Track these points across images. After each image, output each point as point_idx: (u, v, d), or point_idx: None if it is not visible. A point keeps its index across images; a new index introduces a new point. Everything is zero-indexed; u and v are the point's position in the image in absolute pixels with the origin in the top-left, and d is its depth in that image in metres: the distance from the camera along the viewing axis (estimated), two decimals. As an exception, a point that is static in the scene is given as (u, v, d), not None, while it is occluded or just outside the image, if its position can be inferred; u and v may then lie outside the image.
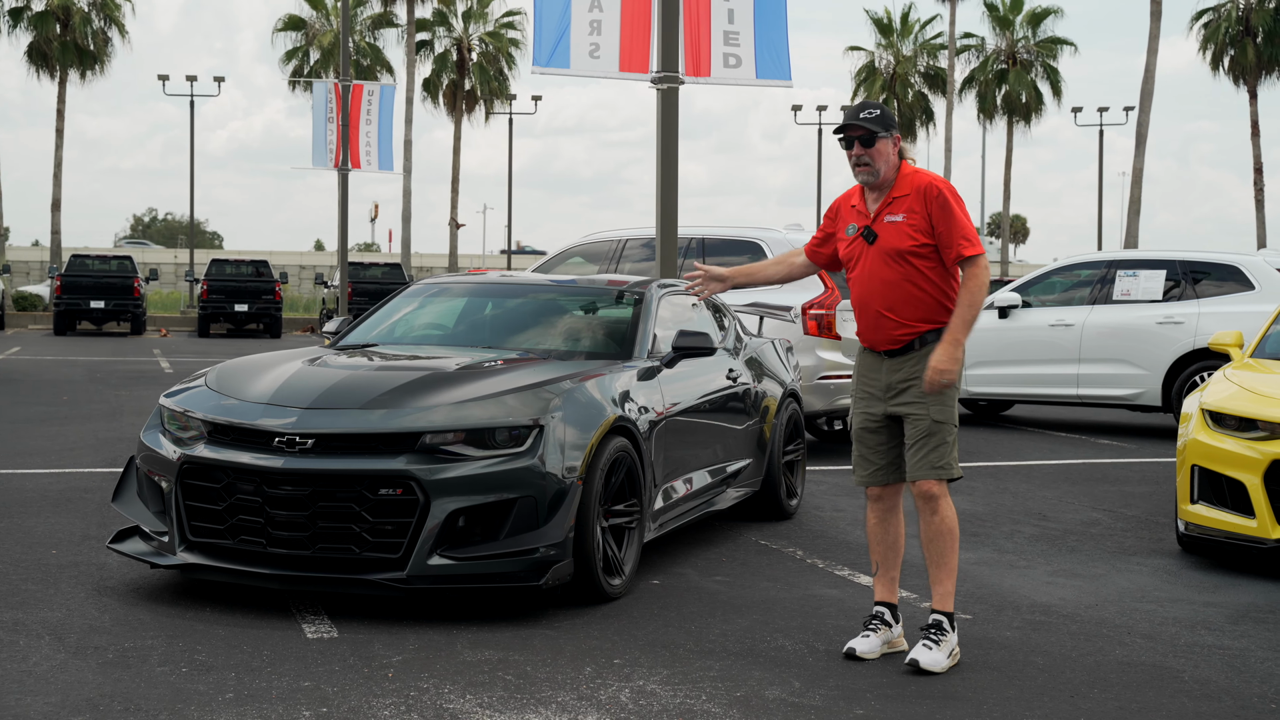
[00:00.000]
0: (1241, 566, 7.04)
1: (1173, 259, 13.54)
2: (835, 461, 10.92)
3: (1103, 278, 13.70)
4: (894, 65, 57.09)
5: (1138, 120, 40.99)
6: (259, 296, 33.04)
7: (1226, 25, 51.94)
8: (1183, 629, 5.80)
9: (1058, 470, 10.77)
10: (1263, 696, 4.86)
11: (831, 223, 5.48)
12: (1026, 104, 55.90)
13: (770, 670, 5.05)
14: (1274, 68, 51.99)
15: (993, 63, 55.93)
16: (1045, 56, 56.13)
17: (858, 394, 5.43)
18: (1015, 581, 6.66)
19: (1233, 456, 6.92)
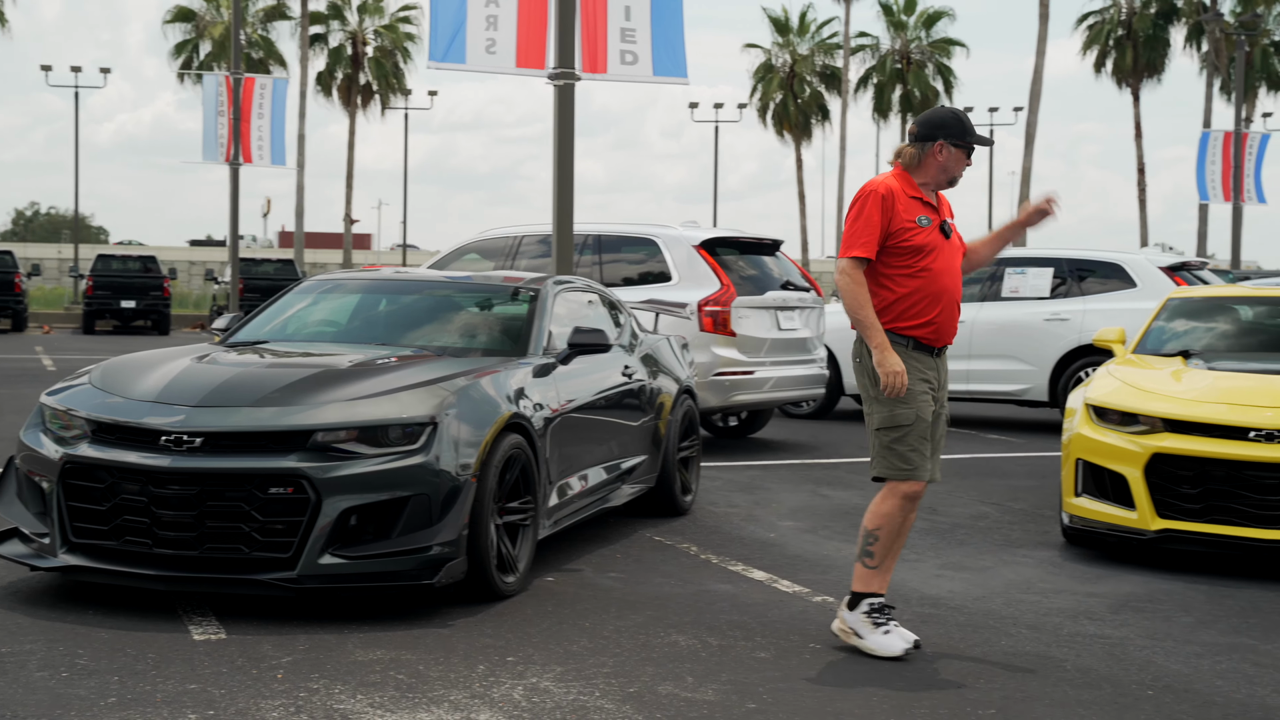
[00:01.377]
0: (1123, 557, 7.21)
1: (1059, 257, 13.82)
2: (730, 457, 10.99)
3: (992, 275, 13.93)
4: (791, 64, 57.56)
5: (1027, 121, 41.80)
6: (146, 293, 32.40)
7: (1109, 29, 53.11)
8: (1066, 619, 5.92)
9: (947, 465, 10.92)
10: (1140, 684, 4.98)
11: (888, 213, 5.30)
12: (921, 103, 56.66)
13: (663, 666, 5.08)
14: (1155, 71, 53.26)
15: (888, 62, 56.62)
16: (938, 57, 56.98)
17: (921, 391, 5.33)
18: (905, 575, 6.75)
19: (1115, 450, 7.08)
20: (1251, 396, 7.06)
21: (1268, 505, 6.71)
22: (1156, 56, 52.71)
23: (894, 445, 5.35)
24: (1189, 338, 8.67)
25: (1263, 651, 5.46)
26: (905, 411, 5.30)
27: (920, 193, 5.40)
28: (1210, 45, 49.89)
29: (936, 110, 5.49)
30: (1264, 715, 4.65)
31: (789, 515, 8.41)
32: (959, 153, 5.39)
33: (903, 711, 4.61)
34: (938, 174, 5.42)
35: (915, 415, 5.32)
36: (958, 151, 5.39)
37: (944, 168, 5.41)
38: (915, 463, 5.34)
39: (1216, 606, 6.18)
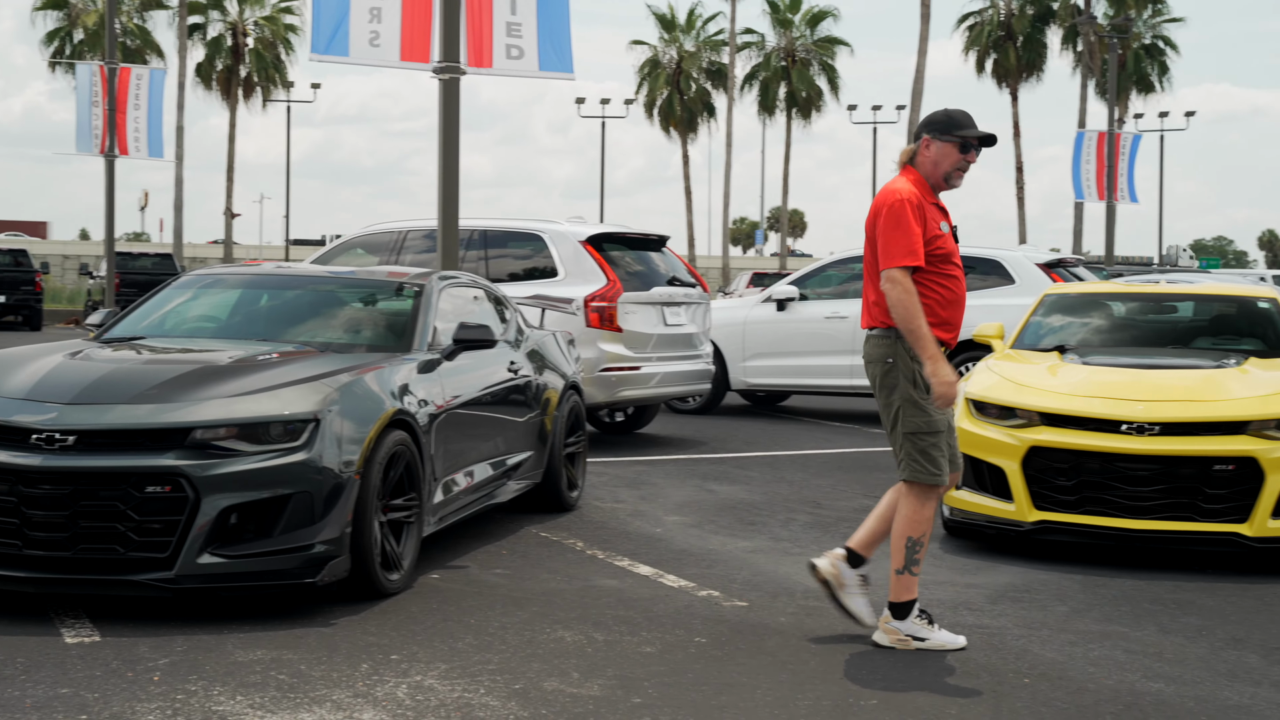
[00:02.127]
0: (1001, 549, 7.35)
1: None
2: (616, 453, 11.01)
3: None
4: (677, 61, 57.78)
5: (909, 119, 42.39)
6: (17, 287, 31.49)
7: (989, 30, 54.12)
8: (946, 610, 6.02)
9: (832, 459, 11.06)
10: (1017, 672, 5.09)
11: (923, 221, 5.30)
12: (806, 101, 57.23)
13: (549, 662, 5.07)
14: (1034, 71, 54.38)
15: (774, 60, 57.09)
16: (823, 55, 57.57)
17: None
18: (790, 568, 6.82)
19: (994, 444, 7.22)
20: (1124, 390, 7.24)
21: (1139, 496, 6.88)
22: (1035, 58, 53.86)
23: (928, 450, 5.34)
24: (1065, 333, 8.86)
25: (1133, 639, 5.60)
26: (940, 418, 5.35)
27: (934, 197, 5.43)
28: (1085, 47, 51.11)
29: (933, 111, 5.50)
30: (1133, 700, 4.77)
31: (675, 510, 8.44)
32: (947, 147, 5.34)
33: (786, 704, 4.65)
34: (932, 171, 5.39)
35: (947, 421, 5.42)
36: (945, 146, 5.34)
37: (934, 163, 5.37)
38: (942, 466, 5.38)
39: (1090, 595, 6.33)
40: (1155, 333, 9.04)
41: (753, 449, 11.54)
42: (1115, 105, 41.15)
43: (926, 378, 5.23)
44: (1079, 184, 37.32)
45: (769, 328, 14.17)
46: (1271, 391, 7.16)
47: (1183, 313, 9.45)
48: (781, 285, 14.50)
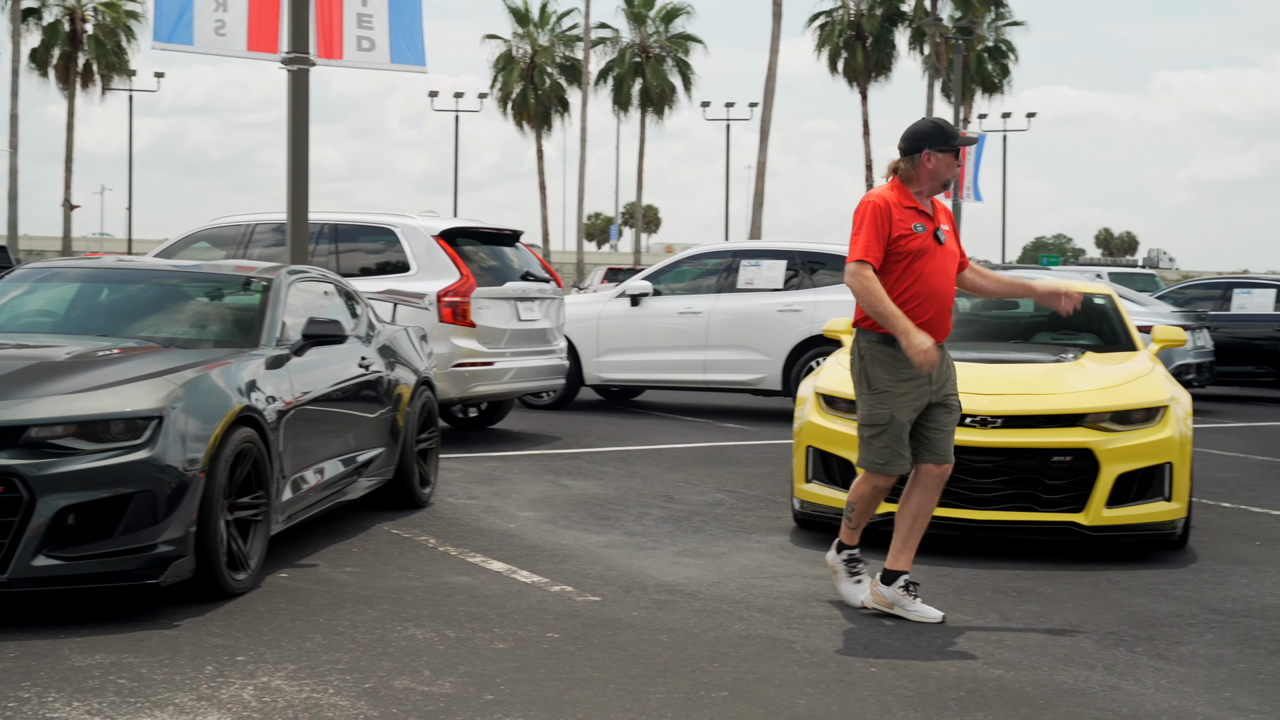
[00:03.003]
0: (850, 540, 7.47)
1: (792, 249, 14.22)
2: (470, 449, 10.94)
3: (728, 267, 14.24)
4: (532, 55, 57.63)
5: (762, 117, 42.88)
6: None
7: (839, 29, 54.97)
8: (797, 602, 6.10)
9: (685, 453, 11.14)
10: (864, 661, 5.18)
11: (887, 222, 5.74)
12: (660, 97, 57.51)
13: (400, 660, 5.01)
14: (883, 71, 55.38)
15: (628, 56, 57.26)
16: (677, 52, 57.92)
17: (902, 392, 5.77)
18: (643, 563, 6.85)
19: (844, 437, 7.33)
20: (968, 384, 7.37)
21: (982, 488, 7.06)
22: (884, 57, 54.87)
23: (871, 440, 5.82)
24: (911, 328, 9.03)
25: (976, 626, 5.74)
26: (882, 411, 5.77)
27: (915, 202, 5.84)
28: (931, 49, 52.22)
29: (917, 123, 5.95)
30: (975, 686, 4.89)
31: (528, 506, 8.42)
32: (946, 157, 5.84)
33: (638, 697, 4.67)
34: (929, 181, 5.85)
35: (891, 415, 5.76)
36: (945, 156, 5.83)
37: (934, 174, 5.85)
38: (888, 458, 5.78)
39: (935, 585, 6.47)
40: (999, 328, 9.28)
41: (606, 444, 11.56)
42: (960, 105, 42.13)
43: (903, 351, 5.64)
44: (926, 182, 38.10)
45: (623, 323, 14.21)
46: (1107, 385, 7.39)
47: (1025, 309, 9.70)
48: (635, 281, 14.56)
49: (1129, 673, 5.10)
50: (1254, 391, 18.83)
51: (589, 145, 64.95)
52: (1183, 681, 5.00)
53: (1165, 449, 7.06)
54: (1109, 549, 7.27)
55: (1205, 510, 8.57)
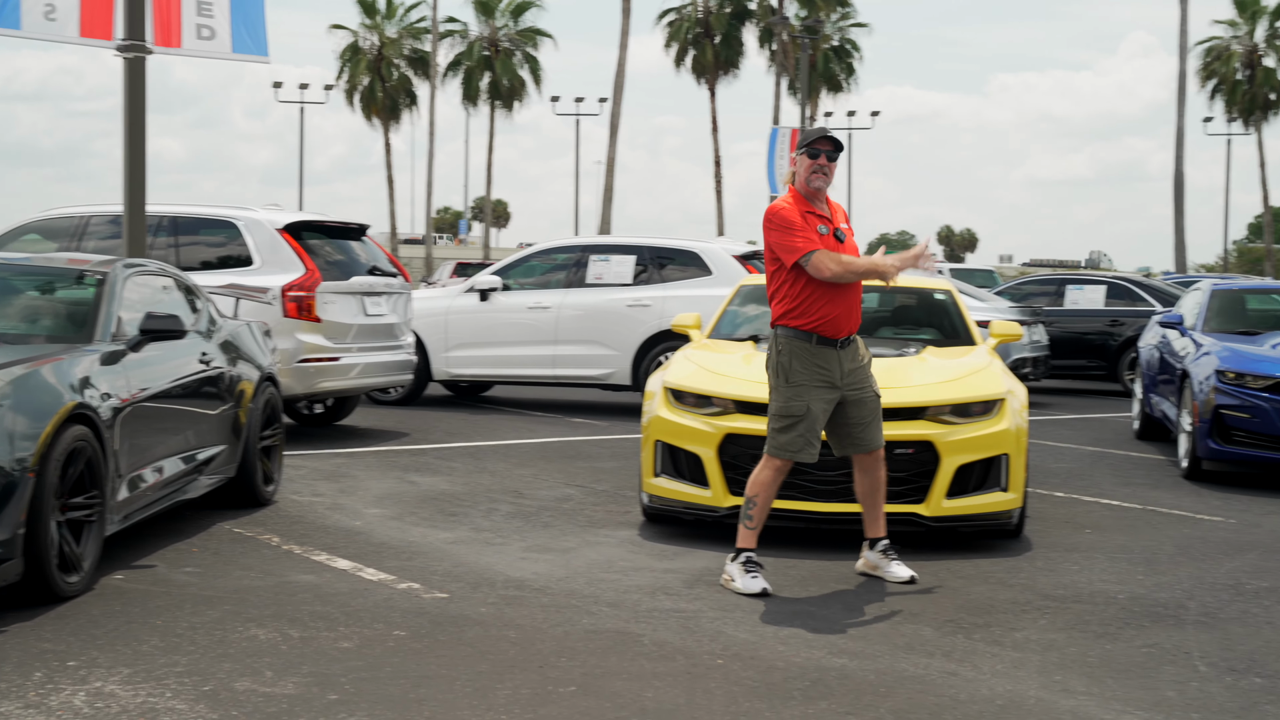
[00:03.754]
0: (699, 534, 7.53)
1: (641, 245, 14.28)
2: (315, 445, 10.77)
3: (577, 262, 14.25)
4: (379, 47, 56.91)
5: (611, 112, 42.98)
6: None
7: (688, 26, 55.32)
8: (644, 595, 6.13)
9: (534, 448, 11.12)
10: (711, 653, 5.23)
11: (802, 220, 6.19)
12: (510, 91, 57.25)
13: (241, 661, 4.91)
14: (731, 68, 55.90)
15: (476, 49, 56.89)
16: (526, 46, 57.72)
17: (815, 384, 6.19)
18: (491, 559, 6.81)
19: (691, 431, 7.38)
20: (812, 378, 7.51)
21: (827, 480, 7.16)
22: (732, 54, 55.38)
23: (784, 430, 6.21)
24: (760, 323, 9.14)
25: (820, 616, 5.84)
26: (799, 404, 6.18)
27: (811, 206, 6.26)
28: (779, 47, 52.88)
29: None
30: (819, 675, 4.96)
31: (375, 503, 8.31)
32: (801, 158, 6.26)
33: (485, 694, 4.64)
34: (804, 184, 6.28)
35: (807, 407, 6.18)
36: (800, 158, 6.27)
37: (797, 175, 6.30)
38: (800, 447, 6.20)
39: (782, 576, 6.55)
40: (842, 323, 9.42)
41: (455, 440, 11.48)
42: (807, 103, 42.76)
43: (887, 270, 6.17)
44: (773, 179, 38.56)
45: (471, 318, 14.13)
46: (947, 379, 7.57)
47: (868, 304, 9.88)
48: (484, 275, 14.47)
49: (966, 659, 5.23)
50: (1086, 384, 19.47)
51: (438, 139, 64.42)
52: (1017, 666, 5.15)
53: (1002, 441, 7.26)
54: (949, 539, 7.45)
55: (1040, 500, 8.83)
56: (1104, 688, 4.90)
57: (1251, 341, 10.64)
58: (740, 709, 4.57)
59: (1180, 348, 11.23)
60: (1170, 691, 4.87)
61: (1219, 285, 12.43)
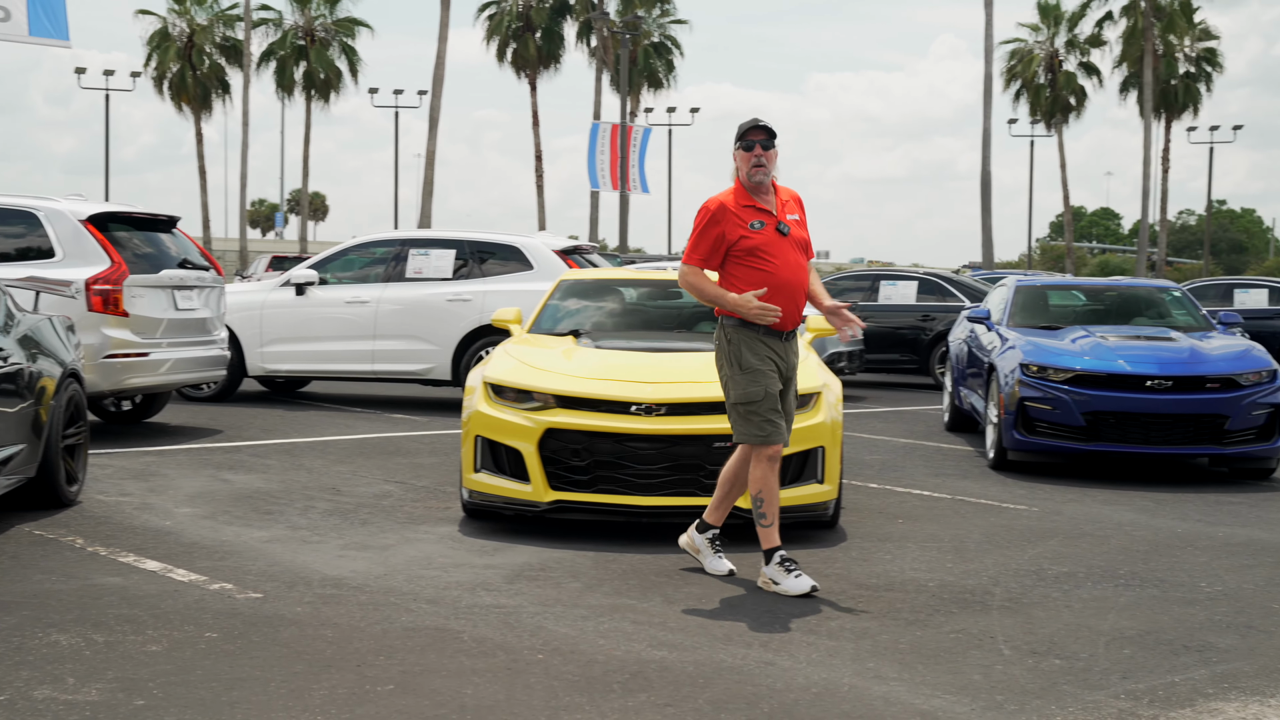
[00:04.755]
0: (519, 529, 7.50)
1: (462, 239, 14.17)
2: (123, 444, 10.43)
3: (397, 256, 14.08)
4: (190, 33, 55.41)
5: (431, 105, 42.58)
6: None
7: (509, 20, 55.14)
8: (464, 592, 6.08)
9: (353, 445, 10.94)
10: (531, 649, 5.21)
11: (718, 226, 6.19)
12: (326, 82, 56.29)
13: (40, 668, 4.72)
14: (552, 62, 55.88)
15: (290, 38, 55.76)
16: (343, 36, 56.81)
17: (770, 370, 6.19)
18: (308, 557, 6.68)
19: (511, 426, 7.35)
20: (633, 373, 7.55)
21: (648, 474, 7.20)
22: (553, 49, 55.37)
23: (750, 416, 6.19)
24: (580, 317, 9.16)
25: (640, 610, 5.86)
26: (755, 389, 6.17)
27: (753, 200, 6.25)
28: (599, 42, 53.05)
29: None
30: (639, 668, 4.99)
31: (186, 502, 8.08)
32: (737, 152, 6.25)
33: (300, 695, 4.55)
34: (744, 177, 6.26)
35: (764, 391, 6.18)
36: (736, 151, 6.25)
37: (737, 169, 6.28)
38: (768, 430, 6.19)
39: (602, 571, 6.57)
40: (664, 317, 9.50)
41: (271, 436, 11.23)
42: (627, 99, 42.98)
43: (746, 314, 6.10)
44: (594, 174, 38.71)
45: (288, 312, 13.86)
46: (764, 372, 7.67)
47: (688, 299, 9.97)
48: (300, 269, 14.21)
49: (783, 649, 5.31)
50: (899, 378, 19.98)
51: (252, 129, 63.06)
52: (831, 655, 5.25)
53: (818, 434, 7.39)
54: (766, 530, 7.55)
55: (854, 491, 9.03)
56: (914, 673, 5.03)
57: (1053, 336, 11.05)
58: (560, 703, 4.56)
59: (987, 342, 11.60)
60: (976, 675, 5.02)
61: (1023, 281, 12.87)
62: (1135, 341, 10.70)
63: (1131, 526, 8.13)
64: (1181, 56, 58.29)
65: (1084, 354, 10.33)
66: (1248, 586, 6.58)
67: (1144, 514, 8.60)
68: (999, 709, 4.64)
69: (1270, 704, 4.76)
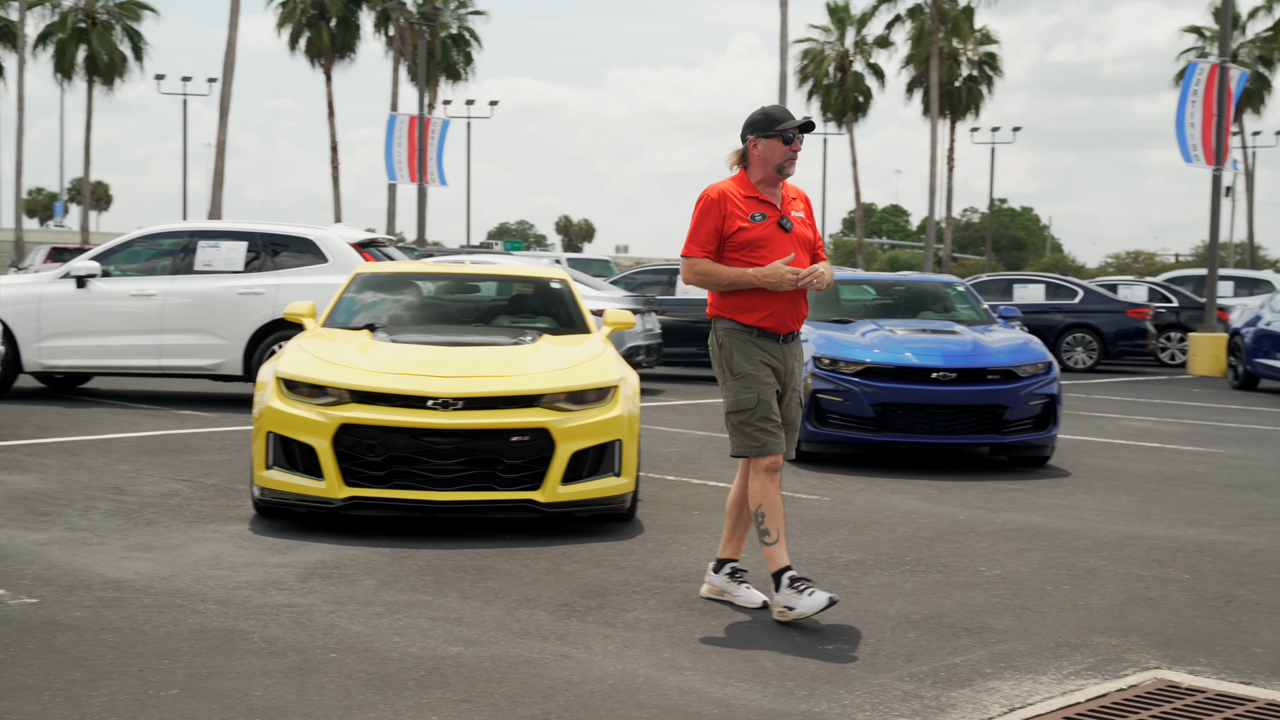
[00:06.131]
0: (314, 527, 7.36)
1: (254, 231, 13.83)
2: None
3: (185, 247, 13.67)
4: (-39, 12, 52.76)
5: (221, 93, 41.41)
6: None
7: (302, 8, 54.04)
8: (255, 591, 5.94)
9: (138, 443, 10.58)
10: (324, 648, 5.11)
11: (720, 216, 5.76)
12: (110, 66, 54.32)
13: None
14: (347, 52, 54.99)
15: (70, 21, 53.63)
16: (127, 19, 54.88)
17: (765, 375, 5.76)
18: (88, 560, 6.43)
19: (305, 422, 7.20)
20: (430, 367, 7.48)
21: (444, 469, 7.15)
22: (348, 38, 54.48)
23: (742, 426, 5.76)
24: (376, 311, 9.03)
25: (436, 606, 5.81)
26: (748, 396, 5.75)
27: (756, 191, 5.83)
28: (396, 32, 52.39)
29: (752, 112, 5.89)
30: (434, 665, 4.94)
31: (-43, 504, 7.71)
32: (772, 143, 5.77)
33: (79, 703, 4.37)
34: (761, 168, 5.81)
35: (757, 398, 5.75)
36: (770, 142, 5.77)
37: (764, 160, 5.80)
38: (764, 440, 5.74)
39: (398, 567, 6.49)
40: (461, 311, 9.44)
41: (49, 435, 10.78)
42: (425, 91, 42.52)
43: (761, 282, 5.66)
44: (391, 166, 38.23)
45: (68, 305, 13.33)
46: (562, 367, 7.68)
47: (486, 292, 9.94)
48: (82, 260, 13.66)
49: (580, 641, 5.33)
50: (696, 371, 20.24)
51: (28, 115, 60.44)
52: (628, 646, 5.29)
53: (616, 427, 7.43)
54: (565, 524, 7.57)
55: (652, 484, 9.11)
56: (709, 662, 5.10)
57: (845, 329, 11.33)
58: (353, 703, 4.49)
59: (780, 335, 11.83)
60: (769, 662, 5.12)
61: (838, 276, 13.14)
62: (922, 335, 11.05)
63: (917, 514, 8.39)
64: (965, 60, 60.40)
65: (873, 347, 10.62)
66: (1024, 570, 6.86)
67: (929, 502, 8.88)
68: (790, 695, 4.73)
69: (1042, 680, 4.97)
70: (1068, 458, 11.26)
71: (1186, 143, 25.11)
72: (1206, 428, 14.18)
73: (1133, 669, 5.15)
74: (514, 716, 4.42)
